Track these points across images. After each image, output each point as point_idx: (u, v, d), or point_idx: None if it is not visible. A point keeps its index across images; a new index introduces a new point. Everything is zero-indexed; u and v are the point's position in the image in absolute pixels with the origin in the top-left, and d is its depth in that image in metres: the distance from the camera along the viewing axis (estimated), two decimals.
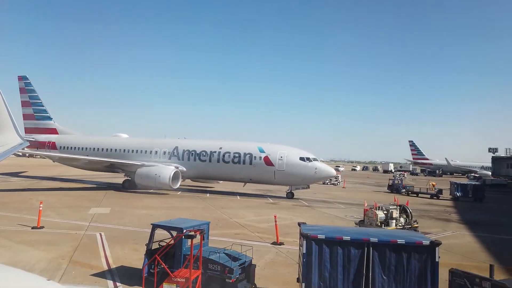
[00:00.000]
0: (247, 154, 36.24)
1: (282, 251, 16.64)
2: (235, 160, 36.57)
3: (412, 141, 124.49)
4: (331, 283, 9.74)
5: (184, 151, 38.89)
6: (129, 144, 42.79)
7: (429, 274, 9.57)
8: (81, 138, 47.73)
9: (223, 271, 10.86)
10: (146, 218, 22.13)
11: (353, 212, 28.92)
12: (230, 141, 39.84)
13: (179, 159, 38.77)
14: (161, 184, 34.99)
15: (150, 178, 35.37)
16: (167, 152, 39.55)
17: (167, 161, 38.68)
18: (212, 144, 39.01)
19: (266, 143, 37.48)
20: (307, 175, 34.67)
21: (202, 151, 38.14)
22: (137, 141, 43.86)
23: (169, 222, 12.51)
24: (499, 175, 68.38)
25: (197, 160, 38.16)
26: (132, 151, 41.07)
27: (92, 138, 46.96)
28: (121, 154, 41.17)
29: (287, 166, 34.70)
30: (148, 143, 41.94)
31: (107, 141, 44.71)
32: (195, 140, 42.03)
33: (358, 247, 9.79)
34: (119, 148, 42.09)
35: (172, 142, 41.23)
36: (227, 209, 28.02)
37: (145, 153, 40.43)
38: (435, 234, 21.74)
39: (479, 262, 16.08)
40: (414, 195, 46.15)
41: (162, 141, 43.11)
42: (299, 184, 35.79)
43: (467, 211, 33.86)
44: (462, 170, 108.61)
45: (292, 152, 35.72)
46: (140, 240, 16.10)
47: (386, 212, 19.38)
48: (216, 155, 37.45)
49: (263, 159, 35.53)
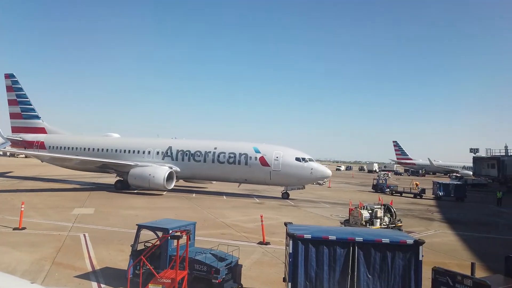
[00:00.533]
0: (242, 154, 36.08)
1: (268, 251, 16.69)
2: (230, 160, 36.38)
3: (396, 142, 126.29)
4: (317, 282, 9.82)
5: (178, 151, 38.48)
6: (121, 144, 42.05)
7: (413, 272, 9.74)
8: (71, 137, 46.65)
9: (209, 272, 10.83)
10: (131, 218, 21.91)
11: (338, 211, 29.20)
12: (225, 141, 39.59)
13: (172, 159, 38.37)
14: (155, 184, 34.58)
15: (144, 179, 34.94)
16: (161, 152, 39.07)
17: (160, 161, 38.23)
18: (206, 144, 38.69)
19: (261, 143, 37.36)
20: (303, 175, 34.68)
21: (196, 151, 37.82)
22: (130, 141, 43.16)
23: (155, 223, 12.41)
24: (480, 175, 69.89)
25: (191, 160, 37.81)
26: (125, 151, 40.41)
27: (82, 138, 45.99)
28: (113, 154, 40.47)
29: (283, 166, 34.65)
30: (141, 143, 41.38)
31: (99, 140, 43.84)
32: (189, 140, 41.58)
33: (343, 247, 9.89)
34: (111, 148, 41.33)
35: (165, 142, 40.73)
36: (213, 209, 27.94)
37: (138, 153, 39.86)
38: (418, 233, 22.13)
39: (461, 260, 16.45)
40: (398, 194, 46.87)
41: (155, 141, 42.60)
42: (295, 184, 35.80)
43: (449, 210, 34.54)
44: (444, 170, 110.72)
45: (288, 152, 35.68)
46: (125, 241, 15.93)
47: (371, 211, 19.64)
48: (210, 155, 37.17)
49: (259, 160, 35.40)
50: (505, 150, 69.38)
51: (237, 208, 29.35)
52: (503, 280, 12.19)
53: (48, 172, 52.31)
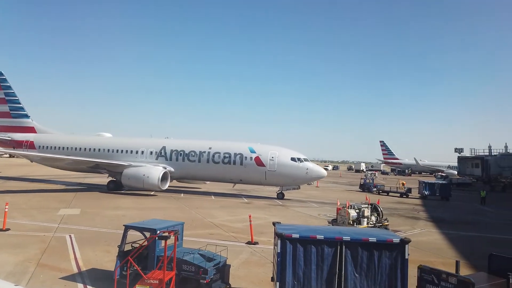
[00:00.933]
0: (237, 154, 35.94)
1: (257, 251, 16.71)
2: (225, 160, 36.20)
3: (383, 141, 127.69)
4: (305, 281, 9.87)
5: (172, 151, 38.13)
6: (113, 143, 41.39)
7: (399, 271, 9.86)
8: (62, 137, 45.66)
9: (197, 272, 10.80)
10: (118, 219, 21.70)
11: (326, 211, 29.39)
12: (220, 141, 39.40)
13: (166, 159, 37.99)
14: (149, 185, 34.20)
15: (138, 179, 34.51)
16: (154, 152, 38.63)
17: (154, 162, 37.81)
18: (201, 144, 38.43)
19: (256, 143, 37.28)
20: (299, 175, 34.70)
21: (191, 151, 37.54)
22: (122, 140, 42.50)
23: (142, 223, 12.32)
24: (464, 174, 71.16)
25: (186, 160, 37.51)
26: (117, 151, 39.79)
27: (74, 137, 45.08)
28: (105, 154, 39.79)
29: (279, 166, 34.62)
30: (134, 142, 40.85)
31: (91, 140, 43.08)
32: (183, 140, 41.11)
33: (331, 246, 9.96)
34: (103, 148, 40.64)
35: (159, 142, 40.33)
36: (201, 209, 27.85)
37: (131, 153, 39.31)
38: (404, 232, 22.42)
39: (446, 259, 16.73)
40: (385, 194, 47.43)
41: (148, 140, 42.13)
42: (290, 184, 35.79)
43: (435, 209, 35.07)
44: (430, 170, 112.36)
45: (283, 152, 35.66)
46: (112, 242, 15.76)
47: (358, 210, 19.81)
48: (205, 155, 36.93)
49: (254, 160, 35.32)
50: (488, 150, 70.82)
51: (226, 208, 29.31)
52: (486, 277, 12.45)
53: (34, 172, 51.41)
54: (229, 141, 39.55)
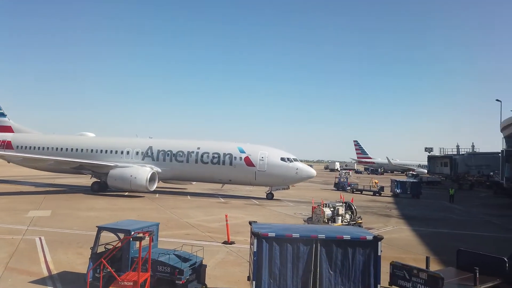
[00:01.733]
0: (227, 154, 35.61)
1: (233, 250, 16.72)
2: (214, 160, 35.80)
3: (356, 141, 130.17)
4: (280, 280, 9.96)
5: (159, 151, 37.33)
6: (97, 143, 40.06)
7: (372, 267, 10.11)
8: (42, 137, 43.74)
9: (172, 273, 10.70)
10: (91, 220, 21.18)
11: (302, 209, 29.69)
12: (208, 141, 39.01)
13: (153, 160, 37.16)
14: (137, 186, 33.40)
15: (125, 180, 33.58)
16: (140, 152, 37.69)
17: (140, 162, 36.89)
18: (189, 144, 37.84)
19: (246, 143, 37.06)
20: (288, 175, 34.75)
21: (178, 151, 36.90)
22: (107, 140, 41.19)
23: (116, 224, 12.08)
24: (434, 172, 73.58)
25: (174, 161, 36.84)
26: (101, 151, 38.54)
27: (55, 137, 43.19)
28: (89, 154, 38.46)
29: (268, 166, 34.53)
30: (119, 142, 39.69)
31: (73, 140, 41.50)
32: (171, 140, 40.34)
33: (306, 244, 10.10)
34: (87, 148, 39.24)
35: (145, 142, 39.49)
36: (177, 209, 27.58)
37: (116, 154, 38.17)
38: (377, 229, 22.96)
39: (417, 255, 17.25)
40: (359, 192, 48.41)
41: (134, 140, 41.16)
42: (280, 184, 35.78)
43: (406, 207, 36.08)
44: (401, 168, 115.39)
45: (273, 152, 35.61)
46: (85, 244, 15.37)
47: (333, 209, 20.13)
48: (194, 155, 36.39)
49: (244, 160, 35.09)
50: (456, 149, 73.56)
51: (202, 208, 29.15)
52: (455, 272, 12.96)
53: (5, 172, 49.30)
54: (218, 141, 39.27)
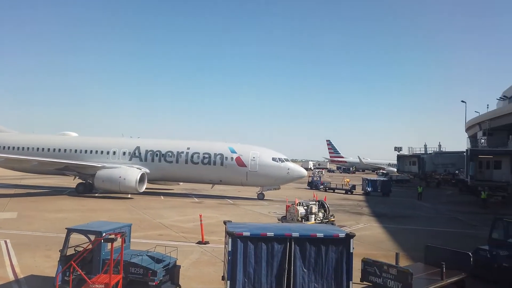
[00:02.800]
0: (217, 154, 35.18)
1: (207, 250, 16.65)
2: (205, 161, 35.28)
3: (329, 140, 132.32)
4: (255, 279, 10.00)
5: (147, 152, 36.39)
6: (82, 143, 38.52)
7: (345, 264, 10.30)
8: (21, 136, 41.55)
9: (145, 274, 10.55)
10: (60, 222, 20.51)
11: (276, 208, 29.90)
12: (198, 141, 38.43)
13: (141, 160, 36.18)
14: (126, 187, 32.46)
15: (114, 182, 32.52)
16: (127, 153, 36.61)
17: (127, 163, 35.83)
18: (178, 144, 37.12)
19: (236, 144, 36.77)
20: (280, 175, 34.73)
21: (167, 152, 36.11)
22: (92, 140, 39.73)
23: (87, 226, 11.77)
24: (403, 171, 75.70)
25: (162, 161, 36.02)
26: (86, 152, 37.14)
27: (35, 137, 41.22)
28: (73, 155, 36.95)
29: (260, 167, 34.38)
30: (105, 142, 38.37)
31: (55, 140, 39.66)
32: (159, 140, 39.44)
33: (281, 242, 10.18)
34: (70, 148, 37.66)
35: (132, 142, 38.40)
36: (150, 210, 27.15)
37: (101, 154, 36.89)
38: (349, 226, 23.44)
39: (387, 251, 17.75)
40: (331, 191, 49.23)
41: (121, 140, 39.94)
42: (272, 185, 35.68)
43: (376, 205, 37.00)
44: (372, 167, 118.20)
45: (264, 152, 35.49)
46: (53, 247, 14.89)
47: (306, 207, 20.37)
48: (183, 155, 35.74)
49: (235, 160, 34.78)
50: (424, 148, 76.05)
51: (175, 208, 28.83)
52: (423, 267, 13.44)
53: None
54: (208, 141, 38.83)
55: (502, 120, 60.02)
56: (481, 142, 47.86)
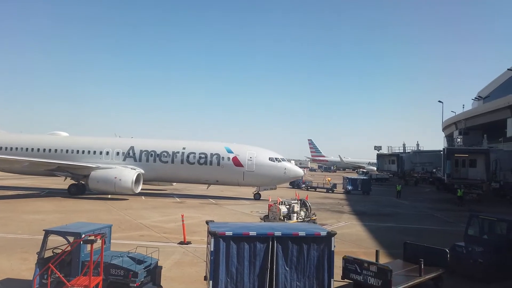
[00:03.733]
0: (214, 154, 34.83)
1: (189, 251, 16.55)
2: (201, 161, 34.86)
3: (311, 140, 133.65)
4: (237, 278, 10.03)
5: (141, 152, 35.66)
6: (73, 143, 37.32)
7: (326, 262, 10.45)
8: (8, 136, 39.96)
9: (126, 276, 10.43)
10: (38, 223, 20.00)
11: (258, 207, 29.96)
12: (194, 141, 37.95)
13: (135, 160, 35.42)
14: (122, 188, 31.76)
15: (109, 182, 31.76)
16: (121, 153, 35.78)
17: (121, 163, 35.05)
18: (174, 144, 36.56)
19: (233, 143, 36.49)
20: (277, 175, 34.67)
21: (163, 152, 35.49)
22: (84, 140, 38.59)
23: (65, 227, 11.54)
24: (382, 170, 77.11)
25: (158, 161, 35.38)
26: (78, 152, 36.04)
27: (24, 137, 39.70)
28: (63, 155, 35.78)
29: (257, 166, 34.22)
30: (98, 142, 37.37)
31: (45, 140, 38.29)
32: (154, 140, 38.73)
33: (263, 242, 10.24)
34: (61, 148, 36.45)
35: (126, 142, 37.57)
36: (130, 210, 26.78)
37: (94, 154, 35.91)
38: (330, 225, 23.72)
39: (367, 249, 18.06)
40: (313, 189, 49.68)
41: (114, 140, 39.12)
42: (268, 185, 35.57)
43: (357, 203, 37.55)
44: (353, 166, 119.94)
45: (261, 152, 35.35)
46: (30, 249, 14.49)
47: (288, 206, 20.52)
48: (179, 155, 35.21)
49: (232, 160, 34.51)
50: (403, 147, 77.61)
51: (157, 208, 28.52)
52: (402, 264, 13.75)
53: None
54: (204, 141, 38.43)
55: (477, 120, 61.93)
56: (457, 141, 49.21)
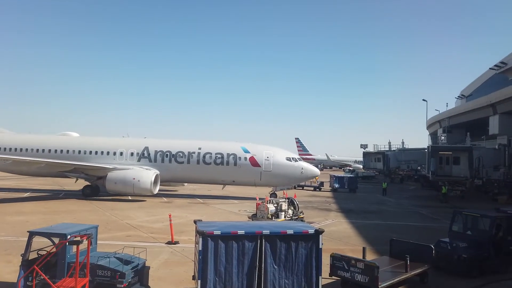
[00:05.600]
0: (230, 154, 34.47)
1: (177, 250, 16.47)
2: (217, 161, 34.44)
3: (298, 138, 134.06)
4: (226, 277, 10.02)
5: (156, 152, 35.11)
6: (85, 144, 36.49)
7: (314, 260, 10.54)
8: (17, 137, 38.76)
9: (113, 277, 10.32)
10: (21, 225, 19.64)
11: (246, 206, 29.97)
12: (209, 141, 37.58)
13: (150, 161, 34.84)
14: (141, 189, 31.27)
15: (127, 183, 31.23)
16: (135, 153, 35.16)
17: (135, 164, 34.46)
18: (189, 144, 36.14)
19: (248, 143, 36.25)
20: (294, 175, 34.53)
21: (178, 152, 34.99)
22: (96, 140, 37.70)
23: (50, 228, 11.35)
24: (368, 168, 78.03)
25: (173, 162, 34.86)
26: (90, 153, 35.26)
27: (33, 137, 38.51)
28: (75, 156, 34.96)
29: (274, 166, 34.01)
30: (111, 143, 36.68)
31: (56, 141, 37.34)
32: (169, 140, 38.12)
33: (251, 240, 10.26)
34: (73, 149, 35.57)
35: (140, 142, 36.95)
36: (117, 211, 26.48)
37: (107, 155, 35.19)
38: (318, 223, 23.89)
39: (354, 246, 18.25)
40: (300, 188, 49.76)
41: (128, 140, 38.55)
42: (285, 185, 35.38)
43: (344, 201, 37.91)
44: (339, 164, 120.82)
45: (278, 152, 35.22)
46: (14, 251, 14.22)
47: (276, 205, 20.63)
48: (195, 156, 34.75)
49: (249, 160, 34.22)
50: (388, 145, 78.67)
51: (144, 208, 28.27)
52: (388, 260, 13.95)
53: None
54: (220, 141, 38.11)
55: (460, 118, 63.25)
56: (441, 139, 50.09)
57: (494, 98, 50.71)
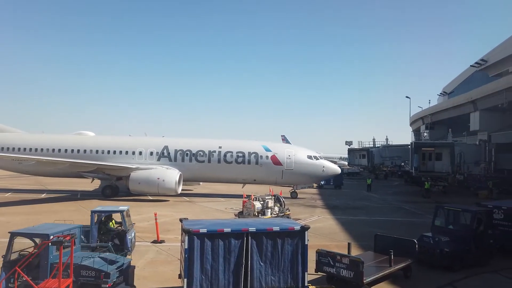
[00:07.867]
0: (252, 153, 34.32)
1: (163, 249, 16.38)
2: (239, 160, 34.24)
3: (284, 136, 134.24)
4: (212, 275, 10.02)
5: (176, 151, 34.68)
6: (104, 143, 35.72)
7: (300, 256, 10.62)
8: (32, 136, 37.87)
9: (98, 277, 10.22)
10: (2, 226, 19.19)
11: (232, 204, 29.96)
12: (229, 140, 37.26)
13: (170, 160, 34.39)
14: (165, 189, 30.91)
15: (152, 183, 30.82)
16: (155, 153, 34.68)
17: (155, 163, 34.00)
18: (209, 143, 35.81)
19: (268, 142, 36.14)
20: (315, 173, 34.56)
21: (199, 151, 34.65)
22: (114, 140, 37.01)
23: (32, 229, 11.15)
24: (353, 164, 78.86)
25: (193, 161, 34.50)
26: (108, 152, 34.60)
27: (48, 137, 37.59)
28: (92, 155, 34.24)
29: (296, 165, 33.96)
30: (129, 142, 36.15)
31: (72, 140, 36.49)
32: (188, 139, 37.62)
33: (238, 238, 10.27)
34: (91, 149, 34.83)
35: (159, 141, 36.38)
36: None
37: (126, 154, 34.59)
38: (304, 219, 24.06)
39: (340, 241, 18.46)
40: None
41: (147, 139, 37.89)
42: (306, 183, 35.44)
43: (329, 197, 38.23)
44: None
45: (299, 150, 35.23)
46: None
47: (263, 202, 20.66)
48: (216, 155, 34.48)
49: (271, 158, 34.09)
50: (373, 142, 79.72)
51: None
52: (373, 255, 14.15)
53: None
54: (240, 140, 37.87)
55: (442, 115, 64.50)
56: (424, 135, 50.95)
57: (475, 95, 51.87)
